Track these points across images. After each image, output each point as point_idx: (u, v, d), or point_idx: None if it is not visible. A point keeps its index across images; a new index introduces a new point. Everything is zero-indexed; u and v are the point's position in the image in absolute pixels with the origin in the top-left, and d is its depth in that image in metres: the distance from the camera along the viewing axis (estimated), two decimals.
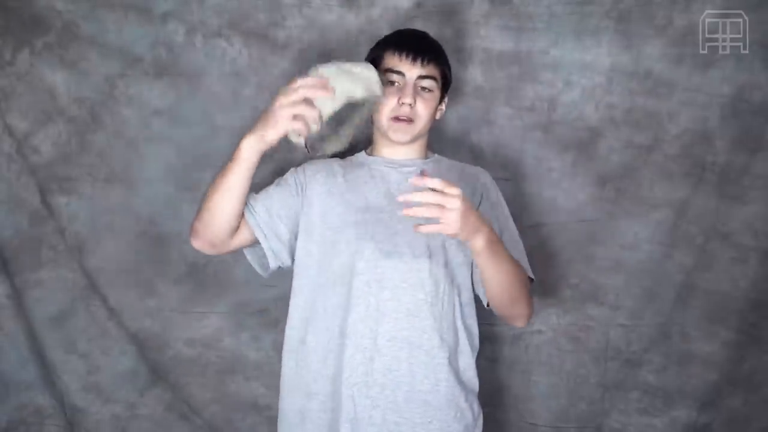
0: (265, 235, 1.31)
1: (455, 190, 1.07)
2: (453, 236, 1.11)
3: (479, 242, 1.14)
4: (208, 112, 1.68)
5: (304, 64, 1.66)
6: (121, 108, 1.68)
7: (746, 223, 1.63)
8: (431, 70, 1.31)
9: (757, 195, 1.62)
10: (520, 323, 1.34)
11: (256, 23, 1.66)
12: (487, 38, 1.64)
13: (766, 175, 1.61)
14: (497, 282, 1.23)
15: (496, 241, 1.20)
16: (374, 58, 1.35)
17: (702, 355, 1.67)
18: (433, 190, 1.06)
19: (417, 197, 1.05)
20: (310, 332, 1.29)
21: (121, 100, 1.67)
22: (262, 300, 1.70)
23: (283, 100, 1.12)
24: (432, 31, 1.63)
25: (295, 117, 1.12)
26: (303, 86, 1.11)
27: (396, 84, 1.31)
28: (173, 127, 1.69)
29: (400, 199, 1.07)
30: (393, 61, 1.31)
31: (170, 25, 1.66)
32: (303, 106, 1.11)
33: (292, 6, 1.65)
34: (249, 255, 1.37)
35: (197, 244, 1.31)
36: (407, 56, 1.30)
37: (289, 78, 1.64)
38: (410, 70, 1.30)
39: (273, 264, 1.34)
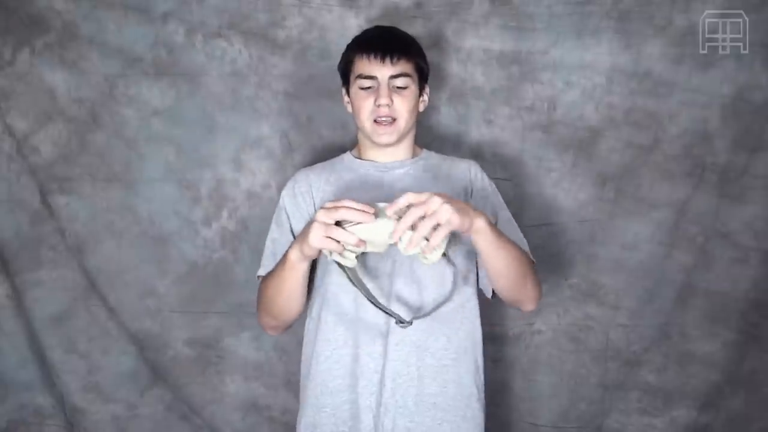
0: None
1: (424, 195, 1.04)
2: (458, 226, 1.07)
3: (479, 223, 1.10)
4: (208, 112, 1.68)
5: (304, 64, 1.67)
6: (121, 108, 1.68)
7: (746, 223, 1.63)
8: (402, 67, 1.29)
9: (757, 195, 1.62)
10: (530, 306, 1.31)
11: (256, 23, 1.66)
12: (487, 38, 1.64)
13: (766, 175, 1.61)
14: (503, 266, 1.20)
15: (495, 226, 1.17)
16: (345, 64, 1.34)
17: (702, 355, 1.67)
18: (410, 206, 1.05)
19: (403, 225, 1.03)
20: (318, 343, 1.28)
21: (121, 100, 1.68)
22: None
23: (319, 217, 1.08)
24: (432, 31, 1.64)
25: (329, 238, 1.08)
26: (343, 207, 1.06)
27: (371, 87, 1.29)
28: (173, 127, 1.69)
29: (396, 237, 1.03)
30: (363, 65, 1.29)
31: (170, 25, 1.66)
32: (338, 230, 1.06)
33: (292, 6, 1.65)
34: None
35: (277, 333, 1.36)
36: (375, 57, 1.28)
37: (288, 78, 1.67)
38: (381, 71, 1.28)
39: None
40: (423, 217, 1.03)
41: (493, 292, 1.32)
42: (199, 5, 1.65)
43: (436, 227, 1.03)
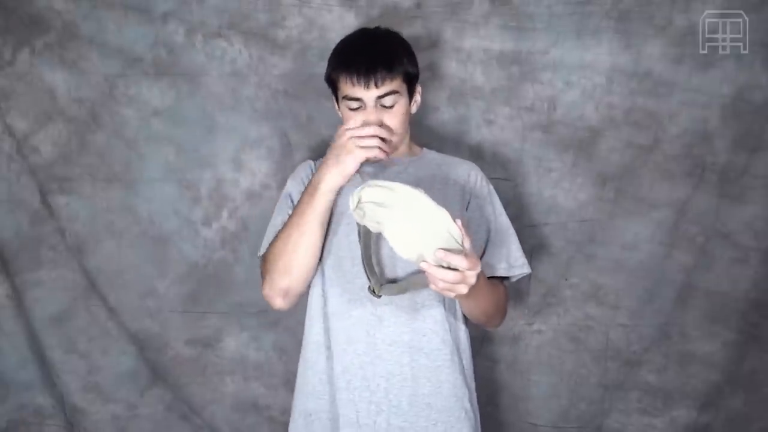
0: None
1: (474, 272, 1.06)
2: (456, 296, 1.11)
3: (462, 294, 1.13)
4: (208, 112, 1.68)
5: (304, 64, 1.67)
6: (121, 108, 1.68)
7: (746, 223, 1.63)
8: (388, 86, 1.24)
9: (757, 195, 1.62)
10: (489, 329, 1.42)
11: (256, 23, 1.66)
12: (487, 38, 1.64)
13: (766, 175, 1.61)
14: (475, 311, 1.26)
15: (482, 281, 1.18)
16: (330, 81, 1.31)
17: (702, 355, 1.67)
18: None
19: (439, 273, 1.05)
20: (314, 335, 1.29)
21: (121, 100, 1.68)
22: (262, 300, 1.69)
23: (348, 132, 1.17)
24: (432, 31, 1.64)
25: (364, 147, 1.17)
26: (362, 128, 1.17)
27: (359, 108, 1.26)
28: (173, 127, 1.69)
29: (423, 266, 1.05)
30: (347, 87, 1.26)
31: (170, 25, 1.66)
32: (369, 138, 1.16)
33: (292, 6, 1.65)
34: None
35: (286, 303, 1.28)
36: (358, 81, 1.23)
37: (288, 78, 1.67)
38: (366, 94, 1.24)
39: None
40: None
41: None
42: (199, 5, 1.65)
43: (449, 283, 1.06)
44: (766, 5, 1.58)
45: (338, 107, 1.34)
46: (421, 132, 1.48)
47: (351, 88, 1.25)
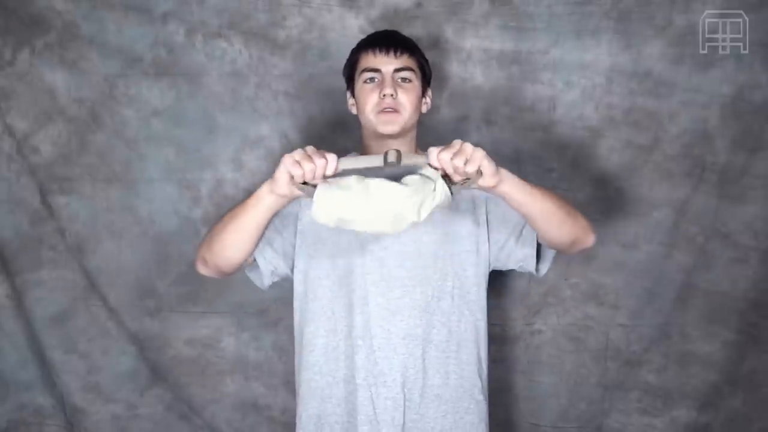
0: (264, 257, 1.32)
1: (456, 143, 1.10)
2: (490, 171, 1.11)
3: (505, 173, 1.15)
4: (208, 112, 1.69)
5: (304, 64, 1.67)
6: (121, 108, 1.68)
7: (746, 223, 1.63)
8: (406, 61, 1.33)
9: (757, 195, 1.62)
10: (590, 238, 1.30)
11: (256, 23, 1.66)
12: (487, 38, 1.64)
13: (766, 175, 1.61)
14: (547, 207, 1.21)
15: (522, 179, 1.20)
16: (351, 63, 1.37)
17: (702, 355, 1.67)
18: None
19: (450, 169, 1.09)
20: (318, 335, 1.29)
21: (121, 100, 1.68)
22: (262, 300, 1.70)
23: (284, 160, 1.12)
24: (432, 31, 1.64)
25: (292, 177, 1.11)
26: (302, 155, 1.11)
27: (375, 80, 1.32)
28: (173, 127, 1.69)
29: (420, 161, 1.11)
30: (368, 59, 1.33)
31: (170, 25, 1.66)
32: (298, 168, 1.10)
33: (292, 6, 1.65)
34: (247, 270, 1.38)
35: (204, 271, 1.31)
36: (380, 51, 1.32)
37: (288, 78, 1.67)
38: (386, 64, 1.31)
39: (268, 281, 1.36)
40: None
41: (537, 269, 1.38)
42: (199, 5, 1.65)
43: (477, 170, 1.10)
44: (766, 5, 1.58)
45: (352, 99, 1.38)
46: (422, 132, 1.47)
47: (372, 59, 1.32)
